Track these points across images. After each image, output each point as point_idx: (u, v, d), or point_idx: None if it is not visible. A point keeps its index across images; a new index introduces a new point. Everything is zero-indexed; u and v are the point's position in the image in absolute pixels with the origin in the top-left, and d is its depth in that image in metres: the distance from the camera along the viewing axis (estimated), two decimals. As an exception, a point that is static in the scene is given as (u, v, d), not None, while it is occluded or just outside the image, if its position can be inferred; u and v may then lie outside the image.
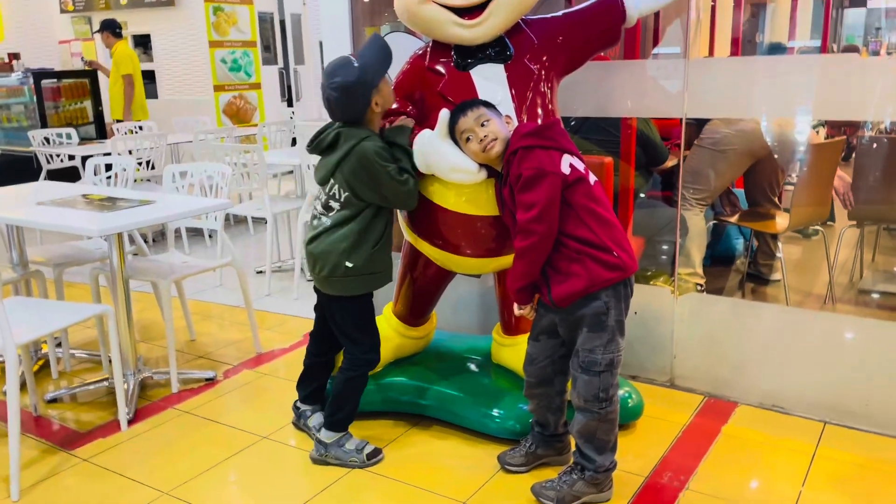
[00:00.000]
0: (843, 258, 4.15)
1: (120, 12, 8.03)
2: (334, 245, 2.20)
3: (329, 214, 2.23)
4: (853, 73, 2.37)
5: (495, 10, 2.11)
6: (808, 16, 12.42)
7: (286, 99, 8.76)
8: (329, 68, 2.17)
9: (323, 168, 2.23)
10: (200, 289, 4.29)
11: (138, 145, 5.15)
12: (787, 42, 5.82)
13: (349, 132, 2.16)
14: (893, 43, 14.80)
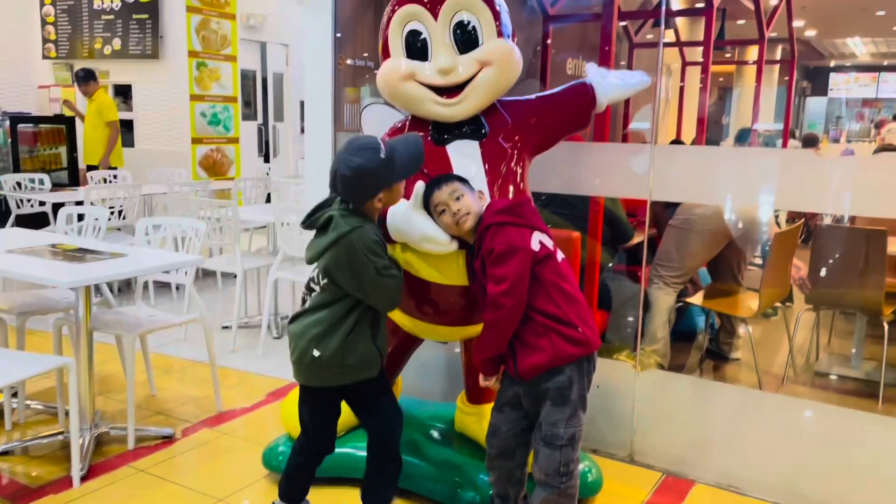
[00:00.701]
0: (800, 340, 4.27)
1: (103, 61, 8.11)
2: (307, 329, 2.10)
3: (311, 295, 2.14)
4: (808, 167, 2.50)
5: (472, 91, 2.21)
6: (771, 101, 12.96)
7: (263, 154, 8.85)
8: (354, 144, 2.04)
9: (313, 248, 2.11)
10: (164, 342, 4.24)
11: (112, 195, 5.15)
12: (751, 125, 6.11)
13: (342, 219, 2.02)
14: (853, 131, 15.44)
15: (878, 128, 15.98)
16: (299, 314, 2.16)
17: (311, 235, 2.16)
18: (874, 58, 17.60)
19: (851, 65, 19.06)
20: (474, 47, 2.21)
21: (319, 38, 3.30)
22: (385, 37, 2.30)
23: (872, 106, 20.11)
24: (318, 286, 2.11)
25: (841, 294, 3.61)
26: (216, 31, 7.81)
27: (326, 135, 3.37)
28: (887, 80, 19.22)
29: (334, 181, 2.05)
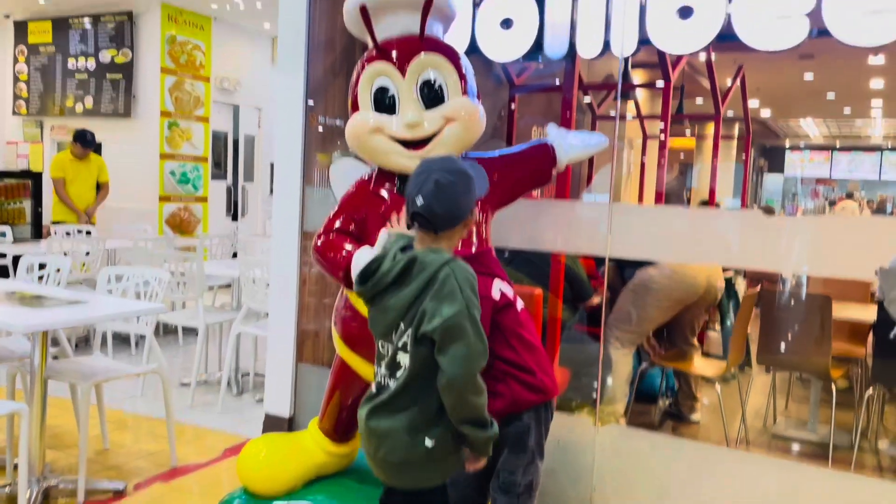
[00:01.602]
0: (759, 404, 4.34)
1: (74, 119, 8.16)
2: (406, 416, 1.69)
3: (396, 374, 1.70)
4: (757, 229, 2.62)
5: (438, 145, 2.29)
6: (730, 177, 13.37)
7: (231, 214, 8.87)
8: (440, 157, 1.87)
9: (390, 310, 1.69)
10: (120, 397, 4.15)
11: (74, 248, 5.11)
12: (708, 199, 6.31)
13: (428, 255, 1.68)
14: (809, 208, 15.92)
15: (833, 205, 16.61)
16: (381, 403, 1.73)
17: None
18: (827, 139, 18.40)
19: (805, 145, 19.91)
20: (440, 104, 2.30)
21: (291, 96, 3.39)
22: (354, 92, 2.38)
23: (827, 184, 20.94)
24: (409, 354, 1.69)
25: (790, 357, 3.70)
26: (190, 92, 7.94)
27: (295, 191, 3.42)
28: (840, 161, 20.10)
29: (429, 198, 1.68)
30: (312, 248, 2.39)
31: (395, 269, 1.67)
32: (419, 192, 1.68)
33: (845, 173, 19.92)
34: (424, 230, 1.73)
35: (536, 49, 2.89)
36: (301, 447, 2.62)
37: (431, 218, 1.70)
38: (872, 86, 9.56)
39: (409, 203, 1.72)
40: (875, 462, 3.62)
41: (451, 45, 2.39)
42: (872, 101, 11.70)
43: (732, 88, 6.28)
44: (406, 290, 1.66)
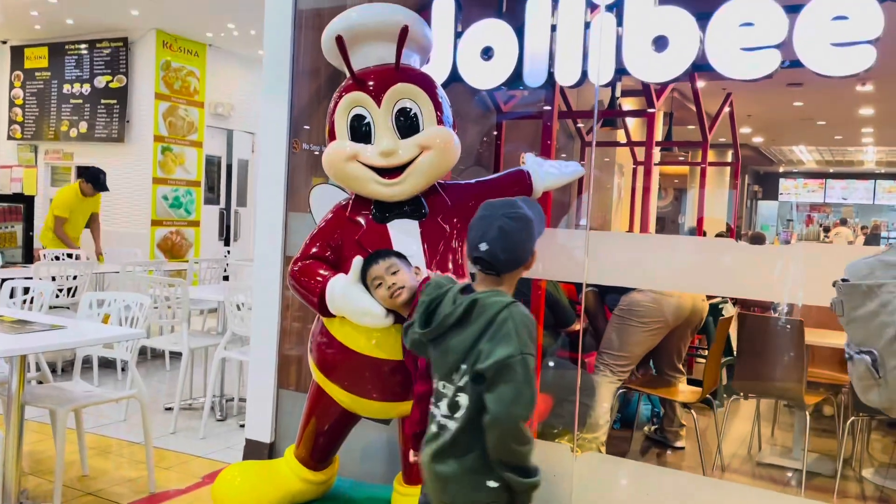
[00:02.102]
0: (743, 431, 4.33)
1: (68, 144, 8.21)
2: (472, 460, 1.67)
3: (455, 415, 1.69)
4: (727, 255, 2.64)
5: (413, 173, 2.32)
6: (723, 203, 13.40)
7: (224, 238, 8.89)
8: (501, 200, 1.84)
9: (451, 352, 1.70)
10: (102, 423, 4.13)
11: (62, 272, 5.12)
12: (696, 225, 6.35)
13: (489, 298, 1.69)
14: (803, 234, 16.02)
15: (827, 231, 16.68)
16: (445, 445, 1.70)
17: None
18: (819, 165, 18.54)
19: (799, 171, 20.04)
20: (415, 132, 2.33)
21: (275, 122, 3.43)
22: (332, 120, 2.41)
23: (821, 210, 21.04)
24: (468, 395, 1.68)
25: (764, 384, 3.70)
26: (183, 117, 8.00)
27: (278, 216, 3.44)
28: (833, 187, 20.21)
29: (495, 243, 1.72)
30: (289, 273, 2.41)
31: (457, 311, 1.70)
32: (483, 239, 1.72)
33: (839, 199, 20.03)
34: (486, 273, 1.76)
35: (516, 77, 2.93)
36: (277, 474, 2.61)
37: (495, 263, 1.73)
38: (862, 113, 9.67)
39: (471, 247, 1.76)
40: (858, 490, 3.60)
41: (427, 75, 2.43)
42: (863, 129, 11.83)
43: (720, 115, 6.34)
44: (467, 331, 1.69)
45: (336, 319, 2.30)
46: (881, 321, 1.39)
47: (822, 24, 2.36)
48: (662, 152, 8.36)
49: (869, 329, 1.41)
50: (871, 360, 1.38)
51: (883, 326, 1.38)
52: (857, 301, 1.43)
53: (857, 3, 2.32)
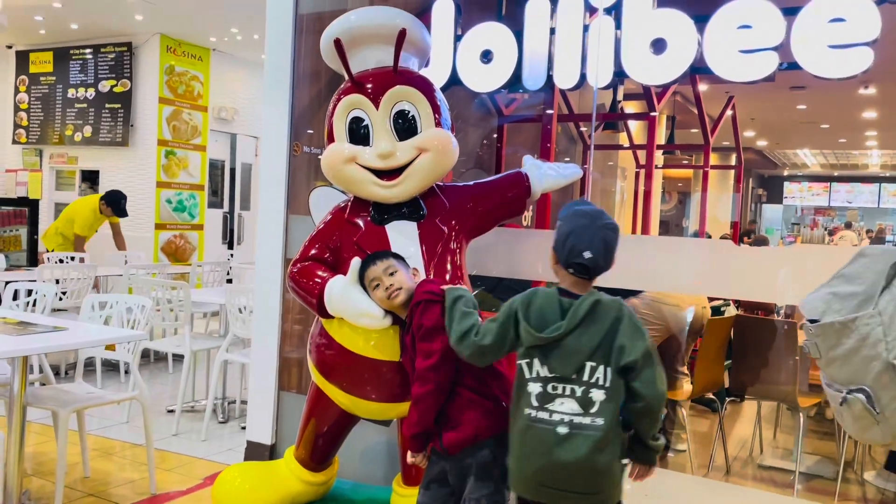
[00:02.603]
0: (745, 434, 4.32)
1: (73, 148, 8.25)
2: (613, 450, 1.79)
3: (591, 410, 1.77)
4: (729, 258, 2.64)
5: (411, 175, 2.33)
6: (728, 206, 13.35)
7: (227, 241, 8.92)
8: (591, 208, 1.92)
9: (574, 353, 1.79)
10: (105, 425, 4.15)
11: (65, 275, 5.14)
12: (698, 229, 6.34)
13: (605, 298, 1.83)
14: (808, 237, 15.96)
15: (832, 235, 16.64)
16: (598, 440, 1.76)
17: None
18: (824, 168, 18.50)
19: (804, 174, 20.00)
20: (413, 135, 2.34)
21: (275, 126, 3.45)
22: (330, 123, 2.43)
23: (825, 214, 20.99)
24: (603, 389, 1.77)
25: (759, 386, 3.71)
26: (187, 121, 8.03)
27: (279, 219, 3.46)
28: (838, 190, 20.16)
29: (601, 252, 1.83)
30: (288, 275, 2.42)
31: (580, 313, 1.80)
32: (588, 248, 1.83)
33: (844, 203, 19.97)
34: (580, 277, 1.87)
35: (516, 80, 2.94)
36: (276, 476, 2.62)
37: (594, 270, 1.85)
38: (865, 116, 9.65)
39: (572, 253, 1.84)
40: (860, 493, 3.59)
41: (425, 78, 2.45)
42: (867, 132, 11.81)
43: (722, 118, 6.35)
44: (593, 330, 1.79)
45: (335, 321, 2.31)
46: (864, 356, 1.34)
47: (820, 26, 2.37)
48: (665, 155, 8.36)
49: (853, 366, 1.36)
50: (866, 398, 1.34)
51: (868, 360, 1.34)
52: (833, 340, 1.39)
53: (854, 5, 2.33)
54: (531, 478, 1.82)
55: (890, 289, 1.35)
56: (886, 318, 1.32)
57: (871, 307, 1.32)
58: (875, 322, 1.32)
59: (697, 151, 7.82)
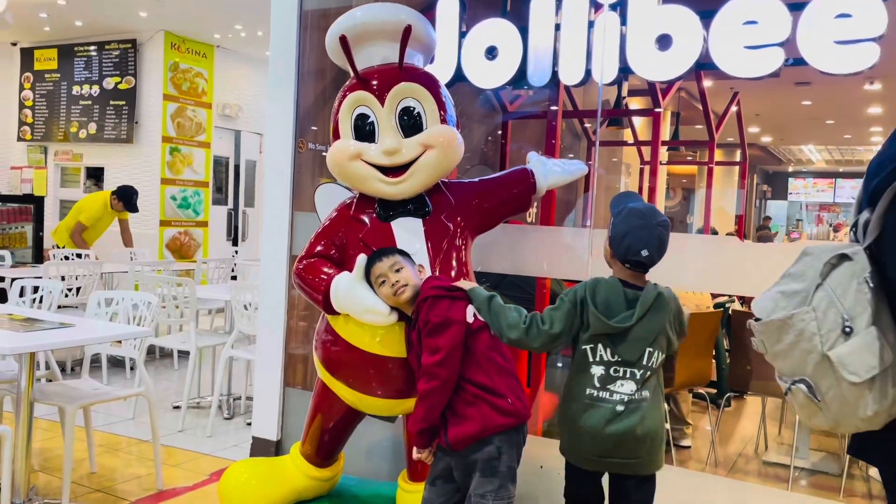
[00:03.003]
0: (751, 430, 4.32)
1: (78, 145, 8.28)
2: (658, 417, 2.05)
3: (645, 386, 2.02)
4: (733, 253, 2.64)
5: (416, 171, 2.33)
6: (732, 202, 13.31)
7: (232, 238, 8.93)
8: (644, 206, 2.11)
9: (641, 340, 2.00)
10: (111, 421, 4.17)
11: (71, 272, 5.16)
12: (703, 225, 6.34)
13: (662, 289, 2.08)
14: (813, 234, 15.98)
15: (836, 231, 16.61)
16: (632, 410, 2.00)
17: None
18: (829, 164, 18.46)
19: (808, 171, 19.96)
20: (419, 131, 2.34)
21: (280, 123, 3.45)
22: (336, 120, 2.43)
23: (830, 210, 20.95)
24: (651, 370, 2.01)
25: (757, 381, 3.71)
26: (192, 118, 8.05)
27: (284, 216, 3.47)
28: (843, 186, 20.12)
29: (655, 248, 2.02)
30: (294, 271, 2.43)
31: (647, 304, 2.01)
32: (645, 246, 2.00)
33: (849, 199, 19.90)
34: (635, 271, 2.06)
35: (521, 77, 2.94)
36: (282, 471, 2.63)
37: (649, 265, 2.05)
38: (870, 112, 9.62)
39: (629, 252, 2.01)
40: (865, 489, 3.59)
41: (430, 74, 2.44)
42: (871, 128, 11.77)
43: (727, 114, 6.33)
44: (657, 318, 2.02)
45: (340, 317, 2.31)
46: (802, 349, 1.45)
47: (826, 21, 2.37)
48: (669, 152, 8.34)
49: (793, 359, 1.47)
50: (807, 388, 1.44)
51: (806, 353, 1.45)
52: (774, 336, 1.49)
53: (860, 1, 2.32)
54: (587, 450, 2.04)
55: (823, 286, 1.45)
56: (820, 313, 1.43)
57: (806, 304, 1.44)
58: (809, 318, 1.43)
59: (702, 148, 7.80)
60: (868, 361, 1.39)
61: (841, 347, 1.41)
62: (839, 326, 1.42)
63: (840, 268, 1.45)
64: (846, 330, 1.41)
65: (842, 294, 1.43)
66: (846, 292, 1.43)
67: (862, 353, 1.39)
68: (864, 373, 1.38)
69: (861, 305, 1.42)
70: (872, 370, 1.39)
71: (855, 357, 1.39)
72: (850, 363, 1.39)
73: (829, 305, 1.43)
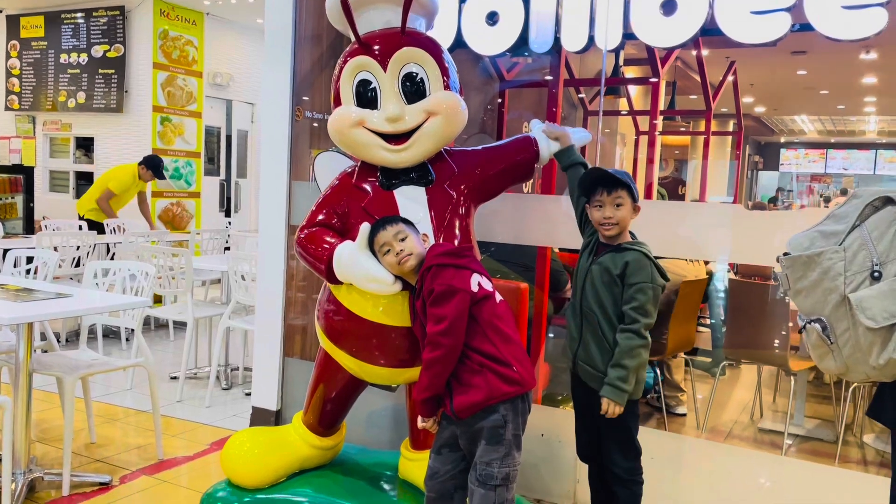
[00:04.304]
0: (746, 398, 4.36)
1: (66, 114, 8.15)
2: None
3: None
4: (727, 221, 2.65)
5: (419, 139, 2.30)
6: (724, 173, 13.32)
7: (225, 209, 8.86)
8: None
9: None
10: (109, 391, 4.16)
11: (64, 242, 5.11)
12: (699, 196, 6.33)
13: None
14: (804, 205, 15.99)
15: (827, 202, 16.64)
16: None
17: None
18: (821, 135, 18.43)
19: (800, 141, 19.93)
20: (422, 98, 2.31)
21: (277, 90, 3.40)
22: (337, 86, 2.38)
23: (821, 181, 20.96)
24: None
25: (752, 350, 3.75)
26: (182, 87, 7.92)
27: (282, 185, 3.43)
28: (835, 157, 20.11)
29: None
30: (295, 241, 2.40)
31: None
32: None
33: (840, 170, 19.94)
34: None
35: (522, 43, 2.89)
36: (285, 440, 2.63)
37: None
38: (865, 82, 9.58)
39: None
40: (860, 456, 3.64)
41: (433, 39, 2.40)
42: (865, 98, 11.73)
43: (724, 84, 6.28)
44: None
45: (343, 286, 2.30)
46: (825, 287, 1.41)
47: (834, -14, 2.33)
48: (665, 122, 8.29)
49: (814, 297, 1.44)
50: (822, 328, 1.42)
51: (827, 293, 1.41)
52: (800, 272, 1.46)
53: (869, -35, 2.29)
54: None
55: (861, 227, 1.42)
56: (850, 254, 1.40)
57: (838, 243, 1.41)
58: (838, 257, 1.40)
59: (699, 117, 7.76)
60: (889, 308, 1.35)
61: (863, 291, 1.37)
62: (868, 270, 1.38)
63: (882, 211, 1.41)
64: (874, 274, 1.38)
65: (878, 237, 1.39)
66: (883, 236, 1.39)
67: (884, 299, 1.35)
68: (883, 319, 1.35)
69: (895, 251, 1.38)
70: (892, 318, 1.35)
71: (875, 302, 1.35)
72: (869, 307, 1.36)
73: (860, 247, 1.39)
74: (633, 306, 2.17)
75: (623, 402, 2.18)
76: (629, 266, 2.18)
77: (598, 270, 2.24)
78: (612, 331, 2.21)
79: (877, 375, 1.41)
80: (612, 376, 2.18)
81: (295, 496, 2.53)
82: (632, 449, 2.33)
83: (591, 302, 2.25)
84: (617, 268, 2.20)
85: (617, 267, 2.20)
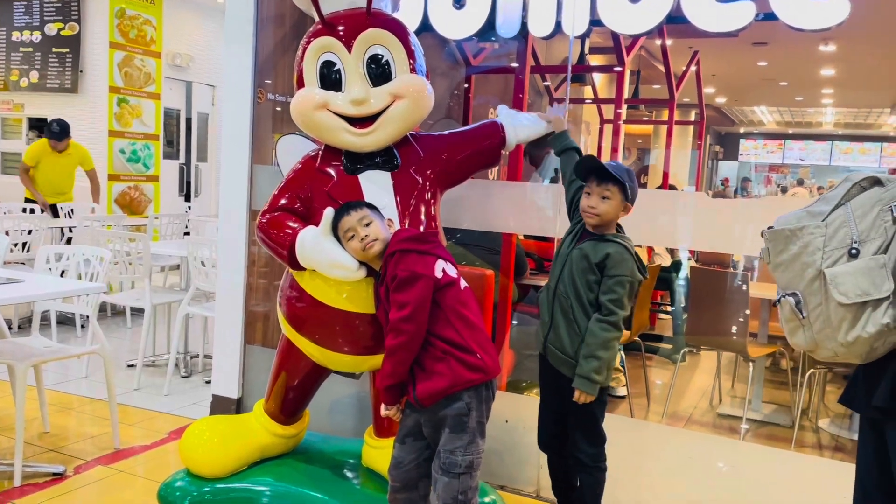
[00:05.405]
0: (705, 384, 4.43)
1: (19, 94, 7.89)
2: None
3: None
4: (689, 209, 2.66)
5: (384, 123, 2.26)
6: (686, 162, 13.52)
7: (184, 194, 8.69)
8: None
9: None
10: (64, 379, 4.05)
11: (16, 226, 4.95)
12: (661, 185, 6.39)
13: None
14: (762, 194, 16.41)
15: (784, 192, 16.99)
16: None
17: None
18: (780, 126, 18.79)
19: (759, 132, 20.30)
20: (388, 81, 2.27)
21: (238, 71, 3.31)
22: (300, 68, 2.33)
23: (779, 171, 21.40)
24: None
25: (711, 336, 3.81)
26: (140, 68, 7.72)
27: (243, 169, 3.35)
28: (792, 148, 20.54)
29: None
30: (257, 226, 2.35)
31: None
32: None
33: (797, 160, 20.37)
34: None
35: (489, 28, 2.87)
36: (246, 429, 2.58)
37: None
38: (823, 73, 9.76)
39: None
40: (815, 440, 3.72)
41: (400, 21, 2.36)
42: (823, 90, 11.97)
43: (686, 74, 6.34)
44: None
45: (306, 273, 2.25)
46: (803, 262, 1.44)
47: (798, -24, 2.35)
48: (629, 111, 8.35)
49: (792, 271, 1.46)
50: (795, 302, 1.45)
51: (805, 267, 1.43)
52: (781, 245, 1.48)
53: (833, -45, 2.31)
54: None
55: (846, 206, 1.44)
56: (831, 230, 1.42)
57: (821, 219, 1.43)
58: (819, 232, 1.42)
59: (662, 106, 7.83)
60: (861, 285, 1.37)
61: (839, 267, 1.39)
62: (846, 247, 1.40)
63: (869, 192, 1.43)
64: (852, 251, 1.39)
65: (861, 216, 1.41)
66: (865, 215, 1.41)
67: (857, 276, 1.37)
68: (855, 296, 1.37)
69: (876, 231, 1.40)
70: (864, 296, 1.36)
71: (849, 278, 1.37)
72: (842, 283, 1.38)
73: (842, 224, 1.41)
74: (611, 298, 2.17)
75: (595, 393, 2.19)
76: (610, 258, 2.18)
77: (577, 255, 2.24)
78: (585, 317, 2.21)
79: (844, 353, 1.43)
80: (587, 368, 2.17)
81: (255, 485, 2.49)
82: (597, 435, 2.34)
83: (567, 286, 2.24)
84: (596, 256, 2.20)
85: (597, 256, 2.20)
